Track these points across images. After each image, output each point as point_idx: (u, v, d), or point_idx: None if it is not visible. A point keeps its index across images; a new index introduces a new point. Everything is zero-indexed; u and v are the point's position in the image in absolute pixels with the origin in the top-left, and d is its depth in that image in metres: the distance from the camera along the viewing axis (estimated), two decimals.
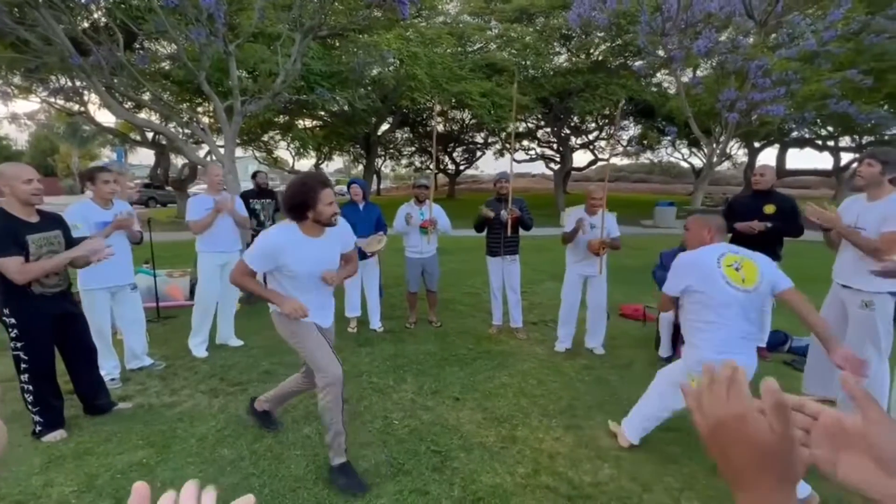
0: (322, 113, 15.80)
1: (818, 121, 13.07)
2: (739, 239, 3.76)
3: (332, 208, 2.17)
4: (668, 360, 3.73)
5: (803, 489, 2.13)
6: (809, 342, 3.94)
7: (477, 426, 2.80)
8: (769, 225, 3.55)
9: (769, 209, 3.62)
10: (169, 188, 19.58)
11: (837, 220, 2.73)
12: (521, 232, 4.37)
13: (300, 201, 2.13)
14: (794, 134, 16.40)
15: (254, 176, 5.72)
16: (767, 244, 3.65)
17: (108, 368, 3.22)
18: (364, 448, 2.54)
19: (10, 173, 2.40)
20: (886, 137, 14.27)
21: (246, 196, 5.50)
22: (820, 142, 17.81)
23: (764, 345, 3.93)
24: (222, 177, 4.02)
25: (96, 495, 2.15)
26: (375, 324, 4.56)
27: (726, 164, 25.40)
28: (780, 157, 19.76)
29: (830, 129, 15.67)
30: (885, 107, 11.54)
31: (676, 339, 3.70)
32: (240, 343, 4.09)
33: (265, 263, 2.19)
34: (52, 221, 2.59)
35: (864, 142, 16.21)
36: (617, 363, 3.79)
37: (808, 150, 19.40)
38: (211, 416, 2.86)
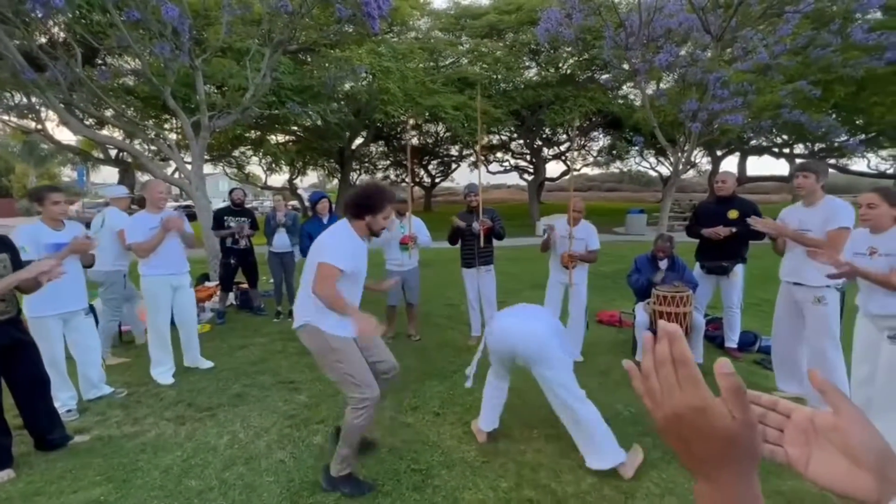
0: (294, 128, 15.63)
1: (774, 129, 13.78)
2: (707, 244, 3.89)
3: (387, 223, 2.30)
4: None
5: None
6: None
7: (458, 441, 2.74)
8: (734, 230, 3.68)
9: (733, 214, 3.76)
10: (134, 206, 18.90)
11: (784, 228, 3.04)
12: (497, 242, 4.39)
13: (369, 203, 2.21)
14: (753, 142, 17.25)
15: (230, 192, 5.62)
16: (733, 247, 3.80)
17: (64, 399, 3.01)
18: None
19: None
20: (836, 144, 15.15)
21: (221, 213, 5.39)
22: (776, 149, 18.76)
23: (735, 346, 4.04)
24: (164, 194, 3.74)
25: None
26: None
27: (692, 172, 26.44)
28: (741, 165, 20.72)
29: (785, 137, 16.54)
30: (834, 116, 12.28)
31: None
32: (209, 365, 3.92)
33: (353, 261, 2.17)
34: None
35: (816, 148, 17.17)
36: (595, 370, 3.81)
37: (766, 158, 20.47)
38: (177, 446, 2.70)
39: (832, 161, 18.50)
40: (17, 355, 2.47)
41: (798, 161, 19.05)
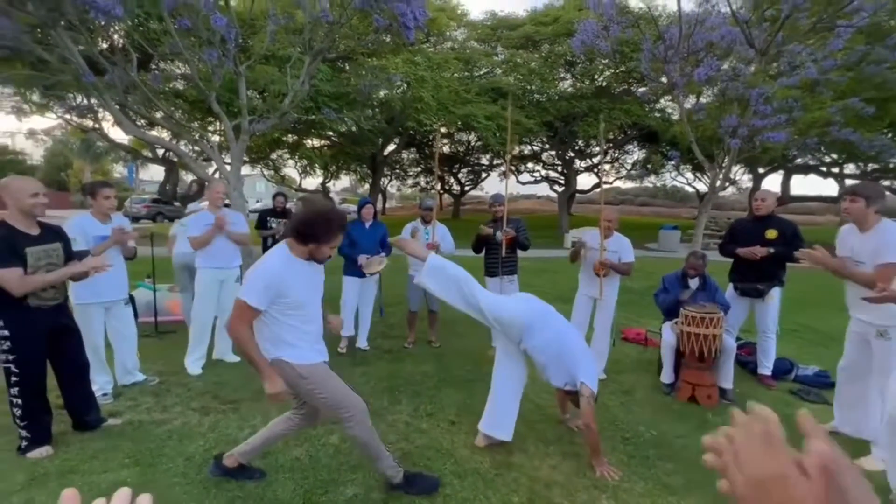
0: (330, 133, 16.07)
1: (821, 148, 13.10)
2: (742, 264, 3.73)
3: (332, 252, 2.17)
4: (671, 386, 3.64)
5: None
6: (817, 370, 3.85)
7: (472, 451, 2.72)
8: (771, 250, 3.52)
9: (771, 234, 3.60)
10: (177, 203, 19.84)
11: (827, 260, 2.67)
12: (522, 253, 4.37)
13: (313, 232, 2.04)
14: (798, 160, 16.44)
15: (274, 197, 6.07)
16: (770, 269, 3.62)
17: (101, 383, 3.19)
18: (354, 472, 2.47)
19: (15, 186, 2.43)
20: (891, 165, 14.26)
21: (264, 214, 5.85)
22: (824, 168, 17.82)
23: (769, 373, 3.84)
24: (224, 195, 4.04)
25: None
26: (362, 342, 4.51)
27: (731, 189, 25.45)
28: (785, 184, 19.76)
29: (834, 156, 15.70)
30: (889, 135, 11.57)
31: (679, 365, 3.62)
32: (236, 359, 4.05)
33: (267, 296, 1.98)
34: (53, 234, 2.61)
35: (868, 168, 16.20)
36: (618, 389, 3.71)
37: (813, 177, 19.42)
38: (200, 435, 2.81)
39: (887, 183, 17.41)
40: (63, 340, 2.64)
41: (848, 182, 18.06)
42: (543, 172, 24.58)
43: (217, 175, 7.68)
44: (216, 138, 12.87)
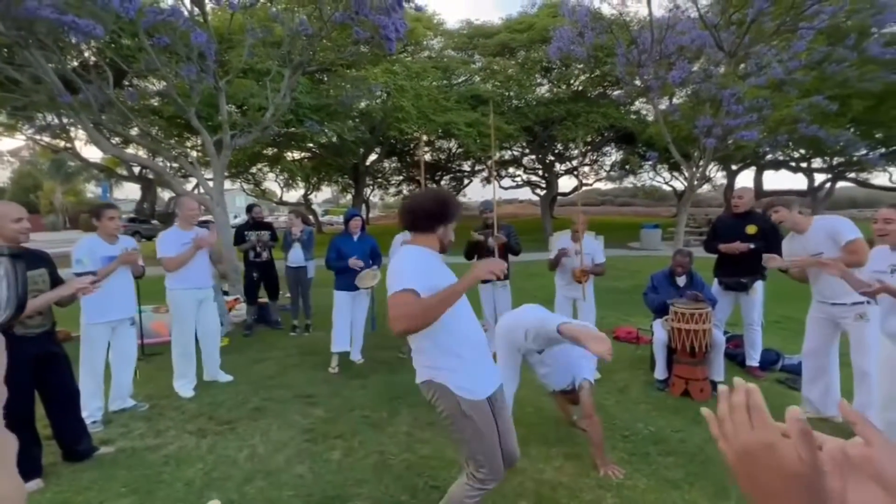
0: (310, 145, 15.99)
1: (790, 144, 13.62)
2: (725, 260, 3.86)
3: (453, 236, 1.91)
4: (664, 382, 3.72)
5: None
6: (801, 359, 3.99)
7: None
8: (752, 245, 3.65)
9: (751, 230, 3.73)
10: (155, 222, 19.41)
11: (801, 260, 3.02)
12: (513, 258, 4.42)
13: (442, 210, 1.81)
14: (769, 157, 17.03)
15: (248, 210, 5.85)
16: (752, 264, 3.75)
17: (91, 410, 3.09)
18: (360, 486, 2.45)
19: None
20: (855, 158, 14.90)
21: (241, 228, 5.63)
22: (794, 164, 18.50)
23: (757, 364, 3.96)
24: (196, 211, 3.88)
25: None
26: (356, 355, 4.47)
27: (707, 187, 26.13)
28: (758, 179, 20.44)
29: (803, 151, 16.33)
30: (852, 130, 12.11)
31: (671, 361, 3.70)
32: (229, 378, 3.98)
33: (428, 281, 1.68)
34: (37, 259, 2.54)
35: (835, 162, 16.89)
36: (613, 387, 3.77)
37: (784, 172, 20.15)
38: (199, 458, 2.74)
39: (852, 175, 18.17)
40: (50, 367, 2.56)
41: (816, 177, 18.77)
42: (525, 177, 24.87)
43: (198, 191, 7.56)
44: (194, 154, 12.68)
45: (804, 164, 18.42)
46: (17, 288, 0.25)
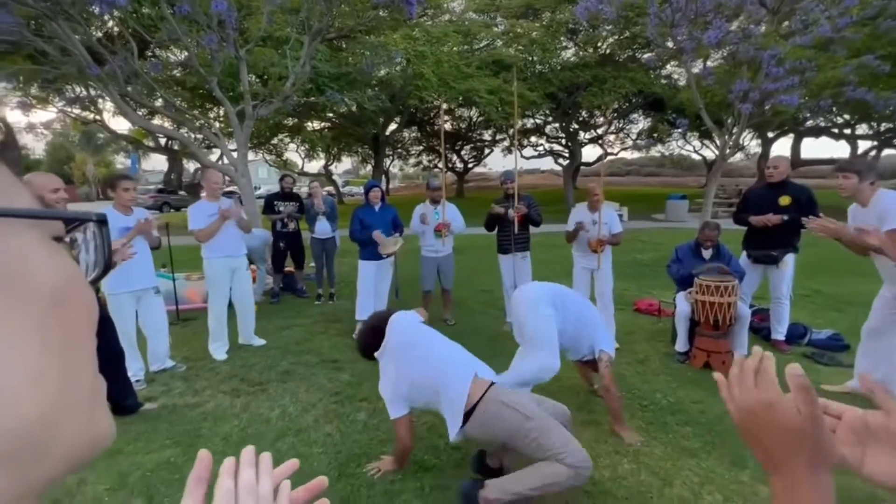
0: (330, 114, 15.91)
1: (834, 109, 12.79)
2: (755, 232, 3.73)
3: None
4: (685, 354, 3.71)
5: None
6: (830, 333, 3.91)
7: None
8: (785, 218, 3.51)
9: (785, 201, 3.58)
10: (182, 192, 19.92)
11: (842, 230, 2.67)
12: (533, 229, 4.40)
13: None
14: (810, 123, 16.08)
15: (281, 179, 5.96)
16: (784, 236, 3.63)
17: (134, 370, 3.31)
18: (384, 445, 2.58)
19: (38, 183, 2.48)
20: None
21: (271, 198, 5.76)
22: (836, 130, 17.43)
23: (783, 338, 3.89)
24: (220, 184, 3.97)
25: (128, 493, 2.22)
26: None
27: (739, 156, 25.00)
28: (795, 147, 19.40)
29: (847, 117, 15.34)
30: None
31: (692, 334, 3.68)
32: (262, 342, 4.17)
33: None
34: None
35: (881, 129, 15.83)
36: (633, 358, 3.78)
37: (824, 139, 19.00)
38: (234, 416, 2.93)
39: None
40: (99, 329, 2.72)
41: (861, 144, 17.65)
42: (547, 146, 24.26)
43: (223, 161, 7.69)
44: (217, 125, 12.81)
45: (847, 131, 17.33)
46: (103, 251, 0.28)
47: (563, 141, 22.52)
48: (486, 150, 28.45)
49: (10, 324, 0.21)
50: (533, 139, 23.64)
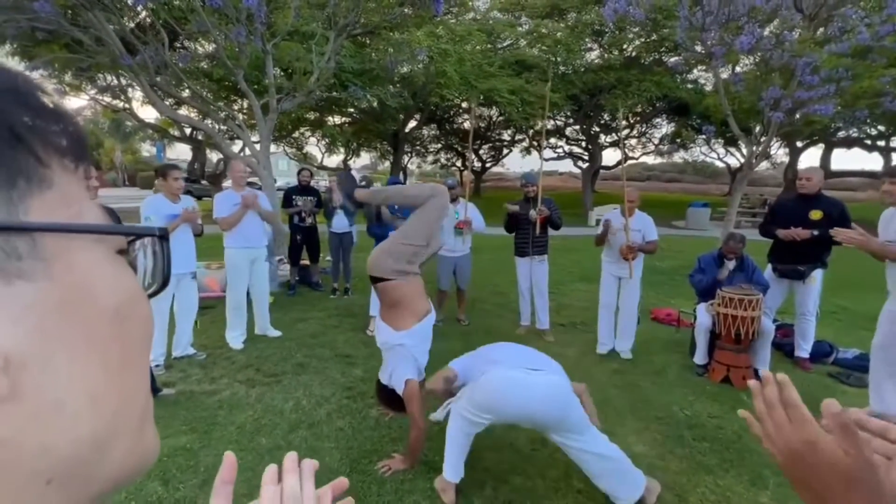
0: (351, 110, 16.01)
1: (868, 119, 12.33)
2: (782, 247, 3.62)
3: None
4: (704, 367, 3.63)
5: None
6: (857, 353, 3.77)
7: (506, 428, 2.78)
8: (815, 233, 3.39)
9: (816, 215, 3.46)
10: (204, 182, 20.30)
11: (867, 242, 2.60)
12: (551, 232, 4.35)
13: None
14: (842, 133, 15.55)
15: (299, 173, 6.02)
16: (813, 251, 3.51)
17: (155, 355, 3.38)
18: (395, 443, 2.59)
19: None
20: None
21: (290, 192, 5.81)
22: (869, 141, 16.82)
23: (807, 356, 3.77)
24: (245, 173, 4.09)
25: (145, 477, 2.27)
26: None
27: (764, 164, 24.30)
28: (825, 158, 18.79)
29: (882, 128, 14.78)
30: None
31: (712, 346, 3.59)
32: (278, 334, 4.23)
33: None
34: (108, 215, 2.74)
35: None
36: (649, 369, 3.72)
37: (856, 151, 18.37)
38: (248, 406, 2.97)
39: None
40: None
41: (885, 167, 17.01)
42: (567, 148, 23.98)
43: (245, 153, 7.80)
44: (241, 117, 13.01)
45: (881, 143, 16.71)
46: (163, 265, 0.27)
47: (584, 143, 22.25)
48: (505, 151, 28.29)
49: (73, 344, 0.21)
50: (553, 141, 23.41)
